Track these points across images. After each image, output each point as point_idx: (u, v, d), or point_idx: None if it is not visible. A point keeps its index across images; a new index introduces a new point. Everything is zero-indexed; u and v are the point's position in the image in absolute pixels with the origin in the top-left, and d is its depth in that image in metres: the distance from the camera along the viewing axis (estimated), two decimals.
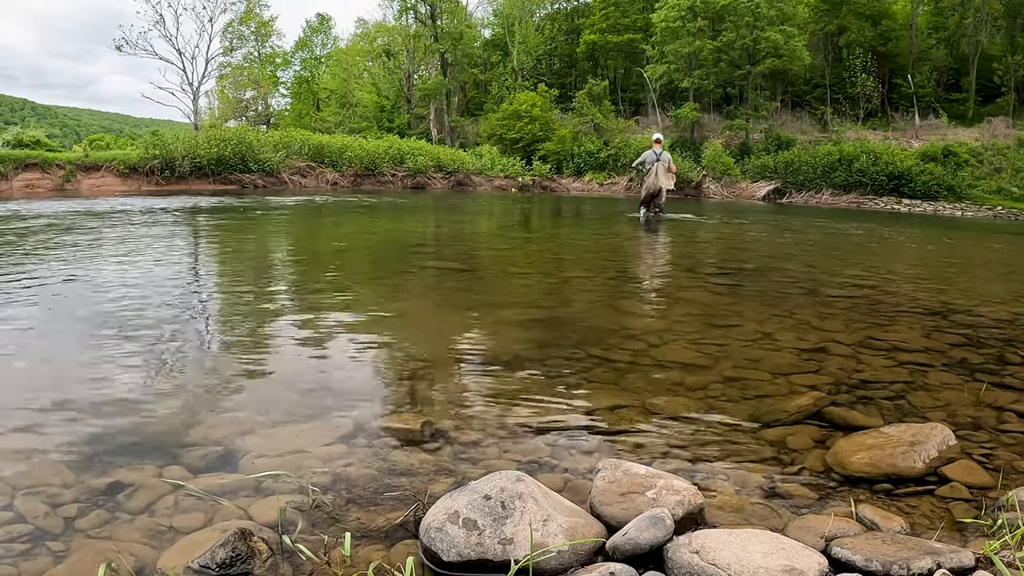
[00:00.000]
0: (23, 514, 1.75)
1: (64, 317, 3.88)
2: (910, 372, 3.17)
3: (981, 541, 1.68)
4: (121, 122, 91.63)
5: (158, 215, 10.87)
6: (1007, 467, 2.16)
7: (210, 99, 42.00)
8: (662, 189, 11.66)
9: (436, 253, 7.87)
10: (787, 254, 8.35)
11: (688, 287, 5.73)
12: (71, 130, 79.09)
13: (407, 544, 1.66)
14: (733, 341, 3.68)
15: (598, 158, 27.55)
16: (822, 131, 28.45)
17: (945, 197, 22.32)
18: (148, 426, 2.34)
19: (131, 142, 28.95)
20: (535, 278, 5.93)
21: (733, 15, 26.42)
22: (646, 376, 3.04)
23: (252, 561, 1.54)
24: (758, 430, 2.46)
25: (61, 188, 17.88)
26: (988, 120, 26.73)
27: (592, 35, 33.53)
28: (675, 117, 29.08)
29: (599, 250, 8.31)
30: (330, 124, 36.60)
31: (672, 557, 1.51)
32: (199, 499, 1.85)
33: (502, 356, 3.34)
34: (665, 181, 11.60)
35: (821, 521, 1.76)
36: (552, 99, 30.74)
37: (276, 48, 40.27)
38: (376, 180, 23.87)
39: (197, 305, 4.36)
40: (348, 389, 2.80)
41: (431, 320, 4.20)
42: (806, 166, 24.39)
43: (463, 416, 2.52)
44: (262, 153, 21.49)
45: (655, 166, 11.66)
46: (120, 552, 1.59)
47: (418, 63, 36.25)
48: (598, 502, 1.79)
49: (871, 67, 28.86)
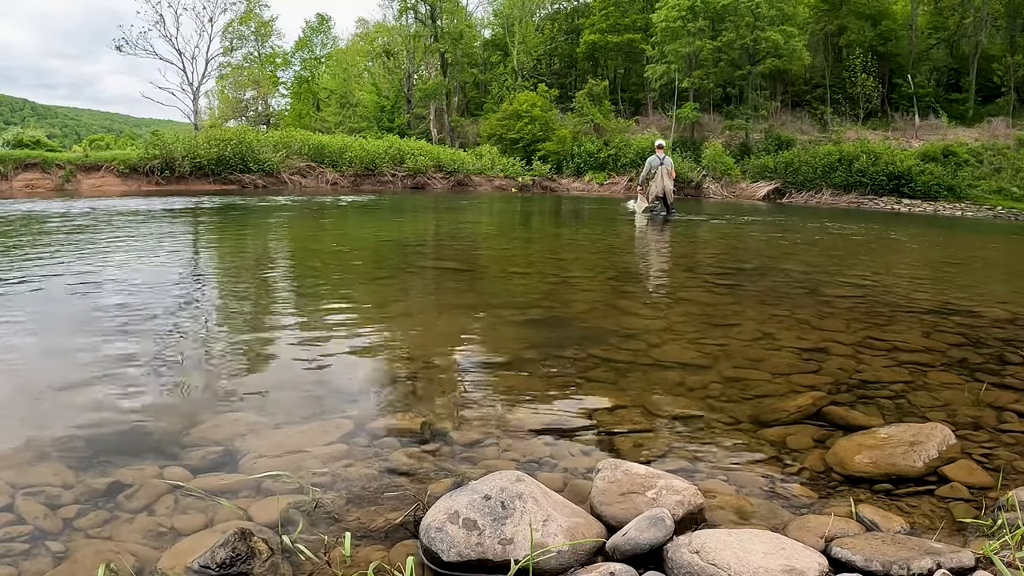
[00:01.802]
0: (23, 514, 1.75)
1: (64, 317, 3.88)
2: (910, 372, 3.17)
3: (981, 541, 1.68)
4: (121, 122, 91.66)
5: (158, 215, 10.87)
6: (1007, 467, 2.16)
7: (210, 99, 42.08)
8: (667, 190, 12.56)
9: (436, 253, 7.87)
10: (787, 254, 8.35)
11: (688, 287, 5.73)
12: (71, 130, 79.16)
13: (407, 544, 1.66)
14: (733, 341, 3.68)
15: (598, 158, 27.56)
16: (822, 131, 28.45)
17: (945, 197, 22.32)
18: (148, 426, 2.34)
19: (131, 142, 28.99)
20: (535, 278, 5.93)
21: (733, 15, 26.43)
22: (646, 376, 3.04)
23: (252, 561, 1.54)
24: (758, 430, 2.46)
25: (61, 188, 17.88)
26: (988, 120, 26.72)
27: (592, 35, 33.53)
28: (675, 117, 29.10)
29: (599, 250, 8.31)
30: (330, 124, 36.63)
31: (672, 557, 1.51)
32: (199, 499, 1.85)
33: (502, 356, 3.34)
34: (668, 184, 12.56)
35: (821, 521, 1.76)
36: (552, 99, 30.76)
37: (276, 48, 40.32)
38: (376, 180, 23.88)
39: (197, 305, 4.36)
40: (348, 389, 2.80)
41: (431, 320, 4.20)
42: (806, 166, 24.40)
43: (463, 416, 2.52)
44: (262, 153, 21.50)
45: (659, 170, 12.55)
46: (120, 552, 1.58)
47: (418, 63, 36.25)
48: (598, 502, 1.79)
49: (871, 67, 28.86)
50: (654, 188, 12.69)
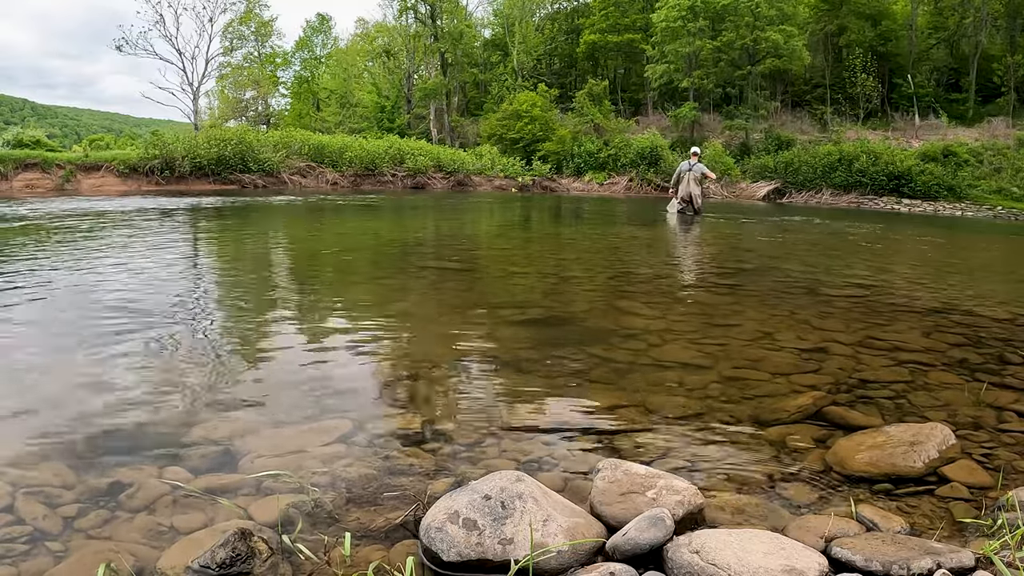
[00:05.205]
0: (23, 514, 1.75)
1: (63, 317, 3.88)
2: (910, 372, 3.17)
3: (981, 541, 1.68)
4: (121, 122, 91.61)
5: (159, 215, 10.87)
6: (1007, 467, 2.16)
7: (210, 99, 42.05)
8: (692, 194, 13.49)
9: (436, 253, 7.87)
10: (787, 254, 8.35)
11: (688, 286, 5.73)
12: (71, 130, 79.11)
13: (407, 544, 1.66)
14: (733, 341, 3.68)
15: (598, 158, 27.54)
16: (822, 131, 28.44)
17: (945, 197, 22.31)
18: (148, 426, 2.34)
19: (131, 142, 28.96)
20: (535, 278, 5.92)
21: (733, 15, 26.42)
22: (646, 376, 3.04)
23: (252, 561, 1.54)
24: (758, 430, 2.46)
25: (61, 188, 17.88)
26: (988, 120, 26.71)
27: (592, 35, 33.51)
28: (675, 117, 29.09)
29: (599, 250, 8.30)
30: (330, 124, 36.61)
31: (672, 557, 1.51)
32: (199, 499, 1.85)
33: (502, 356, 3.34)
34: (694, 188, 13.48)
35: (821, 521, 1.76)
36: (552, 99, 30.73)
37: (276, 48, 40.29)
38: (376, 180, 23.86)
39: (197, 305, 4.35)
40: (348, 389, 2.80)
41: (431, 320, 4.20)
42: (806, 166, 24.39)
43: (463, 416, 2.52)
44: (262, 153, 21.48)
45: (687, 175, 13.48)
46: (120, 552, 1.59)
47: (418, 63, 36.24)
48: (598, 502, 1.79)
49: (871, 67, 28.86)
50: (681, 191, 13.61)
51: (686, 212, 13.65)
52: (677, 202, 13.88)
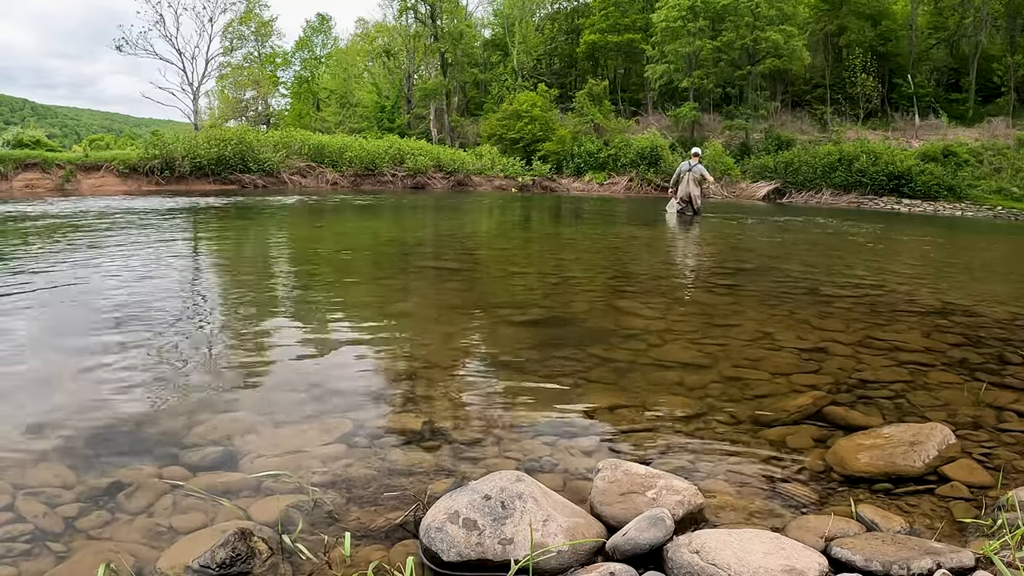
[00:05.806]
0: (23, 514, 1.75)
1: (63, 316, 3.88)
2: (910, 372, 3.17)
3: (981, 541, 1.68)
4: (121, 122, 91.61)
5: (159, 215, 10.87)
6: (1007, 467, 2.16)
7: (210, 99, 42.05)
8: (692, 194, 13.56)
9: (436, 253, 7.87)
10: (787, 254, 8.35)
11: (688, 286, 5.74)
12: (71, 130, 79.12)
13: (407, 544, 1.66)
14: (733, 341, 3.68)
15: (598, 158, 27.54)
16: (822, 131, 28.45)
17: (945, 197, 22.31)
18: (148, 426, 2.34)
19: (131, 142, 28.96)
20: (535, 278, 5.92)
21: (733, 15, 26.43)
22: (646, 376, 3.04)
23: (252, 561, 1.54)
24: (758, 430, 2.46)
25: (61, 188, 17.87)
26: (988, 120, 26.72)
27: (592, 35, 33.51)
28: (675, 117, 29.08)
29: (599, 250, 8.30)
30: (330, 124, 36.60)
31: (672, 557, 1.51)
32: (199, 499, 1.85)
33: (502, 356, 3.34)
34: (693, 188, 13.54)
35: (821, 521, 1.76)
36: (552, 99, 30.73)
37: (276, 48, 40.29)
38: (376, 180, 23.86)
39: (197, 305, 4.35)
40: (348, 389, 2.80)
41: (431, 320, 4.20)
42: (806, 166, 24.39)
43: (463, 416, 2.52)
44: (262, 153, 21.48)
45: (687, 176, 13.52)
46: (120, 552, 1.59)
47: (418, 63, 36.24)
48: (598, 502, 1.79)
49: (871, 67, 28.86)
50: (680, 191, 13.67)
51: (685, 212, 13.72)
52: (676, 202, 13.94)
